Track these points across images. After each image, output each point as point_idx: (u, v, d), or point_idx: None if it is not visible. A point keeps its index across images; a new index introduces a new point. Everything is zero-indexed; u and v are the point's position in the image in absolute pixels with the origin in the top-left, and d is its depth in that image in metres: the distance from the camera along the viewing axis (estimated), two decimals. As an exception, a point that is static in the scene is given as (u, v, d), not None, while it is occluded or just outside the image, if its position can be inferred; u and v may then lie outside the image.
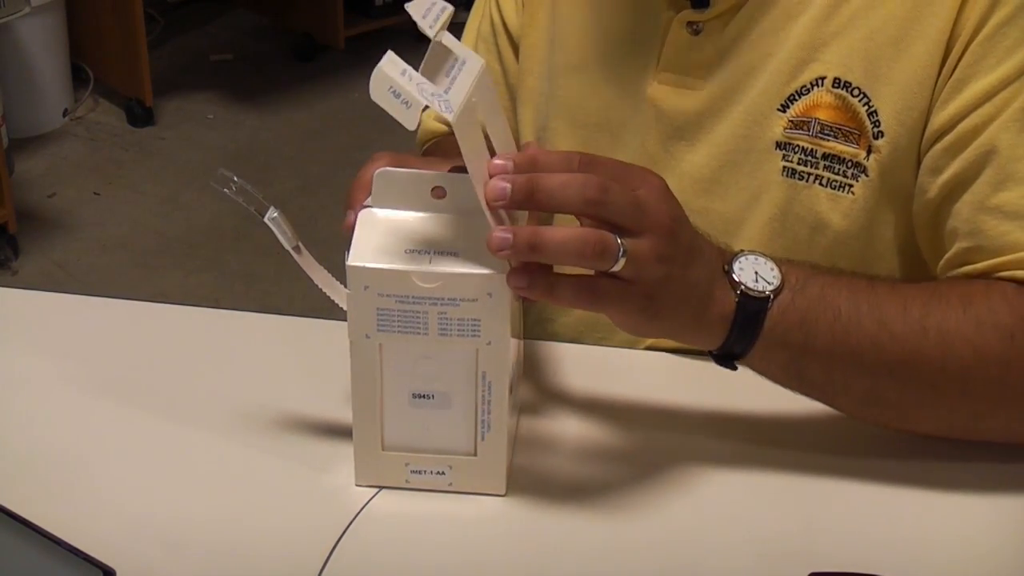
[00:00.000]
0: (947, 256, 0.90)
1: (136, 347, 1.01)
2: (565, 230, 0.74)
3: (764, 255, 0.81)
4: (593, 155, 0.77)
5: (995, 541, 0.83)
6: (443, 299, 0.77)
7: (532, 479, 0.85)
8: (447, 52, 0.78)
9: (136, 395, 0.94)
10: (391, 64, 0.72)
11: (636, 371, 0.99)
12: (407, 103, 0.71)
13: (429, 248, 0.77)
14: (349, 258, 0.77)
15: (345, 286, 0.78)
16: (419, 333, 0.78)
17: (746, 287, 0.79)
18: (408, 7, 0.77)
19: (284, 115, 3.41)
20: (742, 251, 0.81)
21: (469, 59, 0.78)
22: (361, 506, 0.83)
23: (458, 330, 0.78)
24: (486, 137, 0.79)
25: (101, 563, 0.67)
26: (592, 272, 0.75)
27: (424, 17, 0.77)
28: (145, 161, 3.20)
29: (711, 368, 0.83)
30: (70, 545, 0.68)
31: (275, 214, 0.79)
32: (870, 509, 0.85)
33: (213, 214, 2.89)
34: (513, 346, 0.81)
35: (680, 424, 0.92)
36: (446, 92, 0.73)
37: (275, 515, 0.83)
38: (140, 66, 3.24)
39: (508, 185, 0.73)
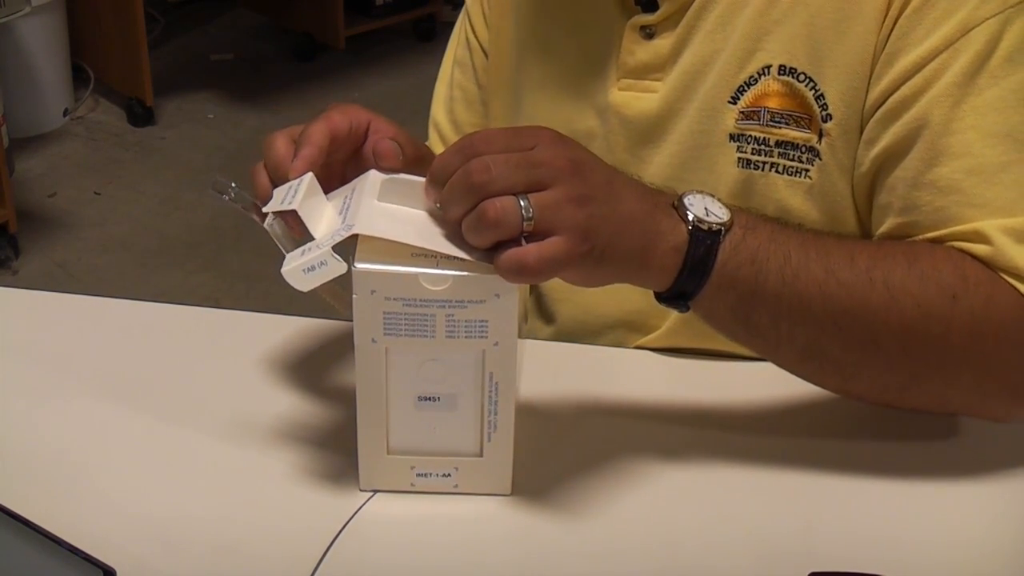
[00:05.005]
0: (882, 230, 0.91)
1: (136, 347, 1.01)
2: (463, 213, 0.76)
3: (713, 195, 0.81)
4: (476, 134, 0.78)
5: (995, 541, 0.83)
6: (451, 301, 0.77)
7: (531, 478, 0.85)
8: (316, 205, 0.80)
9: (136, 395, 0.94)
10: (289, 261, 0.77)
11: (635, 371, 0.99)
12: (323, 263, 0.76)
13: (435, 251, 0.77)
14: (355, 262, 0.76)
15: (344, 290, 0.78)
16: (426, 336, 0.78)
17: (698, 219, 0.79)
18: (267, 208, 0.81)
19: (284, 115, 3.40)
20: (691, 190, 0.81)
21: (331, 199, 0.82)
22: (359, 505, 0.83)
23: (465, 332, 0.78)
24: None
25: (101, 563, 0.67)
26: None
27: (283, 202, 0.79)
28: (145, 161, 3.20)
29: (712, 368, 0.83)
30: (70, 545, 0.68)
31: (273, 220, 0.79)
32: (870, 509, 0.85)
33: (213, 214, 2.89)
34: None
35: (680, 424, 0.92)
36: (343, 222, 0.77)
37: (275, 516, 0.83)
38: (140, 66, 3.24)
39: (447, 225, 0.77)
